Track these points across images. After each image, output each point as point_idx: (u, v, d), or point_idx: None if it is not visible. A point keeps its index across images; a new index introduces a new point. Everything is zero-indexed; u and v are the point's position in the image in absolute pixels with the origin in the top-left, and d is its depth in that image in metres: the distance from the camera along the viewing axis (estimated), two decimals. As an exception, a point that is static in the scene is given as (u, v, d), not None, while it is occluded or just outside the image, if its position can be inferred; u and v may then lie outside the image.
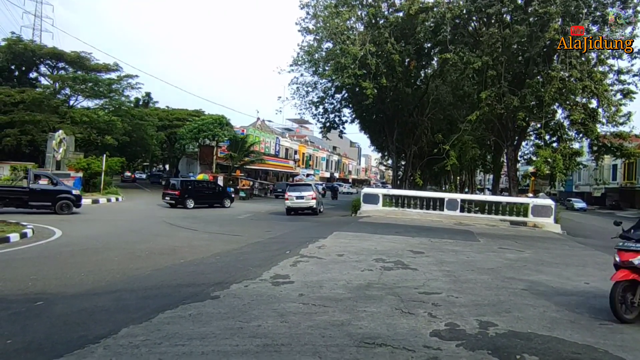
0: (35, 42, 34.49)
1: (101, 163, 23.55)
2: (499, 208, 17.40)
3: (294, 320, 4.21)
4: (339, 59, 19.02)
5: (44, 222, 11.58)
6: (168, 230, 11.90)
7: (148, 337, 3.63)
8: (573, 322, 4.54)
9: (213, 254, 8.16)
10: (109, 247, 8.62)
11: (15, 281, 5.60)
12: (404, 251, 8.82)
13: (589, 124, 18.50)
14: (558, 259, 9.13)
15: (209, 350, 3.37)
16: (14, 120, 26.04)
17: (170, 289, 5.39)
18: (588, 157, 28.66)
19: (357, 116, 29.71)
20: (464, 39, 18.76)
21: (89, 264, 6.82)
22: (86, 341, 3.50)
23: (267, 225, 14.32)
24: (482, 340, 3.84)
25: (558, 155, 17.53)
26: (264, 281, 5.83)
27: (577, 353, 3.64)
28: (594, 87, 16.41)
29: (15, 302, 4.67)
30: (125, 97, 33.97)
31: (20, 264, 6.67)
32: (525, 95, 17.32)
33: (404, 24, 20.14)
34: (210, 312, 4.39)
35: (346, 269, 6.78)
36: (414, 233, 12.03)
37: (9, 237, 8.75)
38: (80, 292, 5.20)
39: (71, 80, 29.94)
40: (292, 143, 57.38)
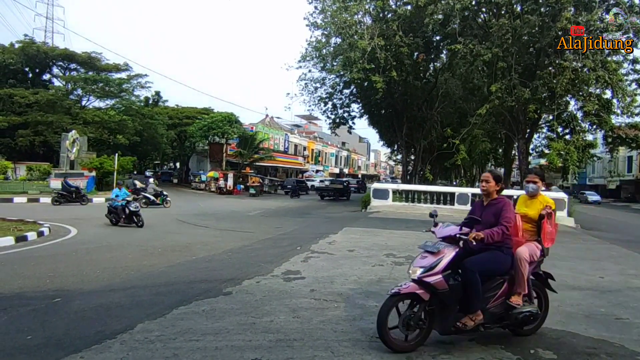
0: (47, 44, 35.00)
1: (113, 162, 23.89)
2: (511, 202, 17.19)
3: (306, 315, 4.24)
4: (347, 54, 18.92)
5: (60, 221, 11.81)
6: (180, 228, 12.03)
7: (163, 332, 3.70)
8: (588, 317, 4.49)
9: (225, 250, 8.24)
10: (122, 244, 8.76)
11: (33, 278, 5.74)
12: (414, 246, 8.76)
13: (603, 115, 18.15)
14: (572, 252, 9.00)
15: (223, 346, 3.41)
16: (28, 121, 26.56)
17: (184, 285, 5.46)
18: (602, 149, 28.16)
19: (366, 111, 29.59)
20: (473, 31, 18.49)
21: (104, 261, 6.94)
22: (103, 336, 3.58)
23: (277, 221, 14.39)
24: (494, 334, 3.82)
25: (571, 148, 17.23)
26: (276, 277, 5.88)
27: (592, 347, 3.60)
28: (608, 77, 16.05)
29: (35, 298, 4.79)
30: (135, 97, 34.38)
31: (38, 262, 6.83)
32: (536, 86, 17.02)
33: (412, 17, 19.93)
34: (223, 307, 4.45)
35: (357, 265, 6.79)
36: (425, 228, 11.95)
37: (27, 235, 8.95)
38: (96, 288, 5.31)
39: (83, 81, 30.39)
40: (301, 139, 57.42)
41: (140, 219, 11.51)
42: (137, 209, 11.65)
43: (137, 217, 11.52)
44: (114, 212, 11.73)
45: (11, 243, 8.33)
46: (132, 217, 11.52)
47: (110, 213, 11.83)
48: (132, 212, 11.51)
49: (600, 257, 8.58)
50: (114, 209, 11.76)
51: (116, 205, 11.72)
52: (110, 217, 11.79)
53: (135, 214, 11.52)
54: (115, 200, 11.90)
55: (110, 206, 11.99)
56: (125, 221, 11.57)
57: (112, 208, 11.84)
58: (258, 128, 43.23)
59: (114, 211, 11.73)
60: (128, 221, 11.54)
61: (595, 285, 6.02)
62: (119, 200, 11.74)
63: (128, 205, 11.57)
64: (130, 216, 11.52)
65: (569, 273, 6.71)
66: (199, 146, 40.51)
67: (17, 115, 26.66)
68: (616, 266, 7.56)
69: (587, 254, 9.00)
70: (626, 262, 8.21)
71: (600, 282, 6.21)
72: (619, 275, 6.77)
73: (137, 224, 11.43)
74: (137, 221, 11.47)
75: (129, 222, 11.54)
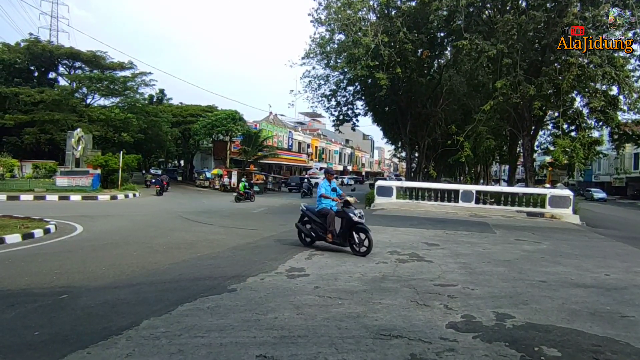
0: (52, 42, 35.22)
1: (118, 160, 24.03)
2: (515, 199, 17.12)
3: (310, 312, 4.25)
4: (351, 50, 18.87)
5: (66, 219, 11.91)
6: (184, 225, 12.10)
7: (168, 328, 3.72)
8: (593, 314, 4.46)
9: (229, 247, 8.27)
10: (128, 241, 8.82)
11: (40, 275, 5.80)
12: (418, 243, 8.79)
13: (609, 112, 17.98)
14: (577, 250, 8.94)
15: (227, 342, 3.43)
16: (34, 119, 26.78)
17: (189, 282, 5.50)
18: (608, 146, 27.92)
19: (370, 108, 29.50)
20: (478, 27, 18.36)
21: (110, 258, 7.00)
22: (109, 332, 3.62)
23: (281, 219, 14.42)
24: (499, 332, 3.82)
25: (577, 144, 17.10)
26: (280, 274, 5.90)
27: (597, 345, 3.58)
28: (615, 74, 15.90)
29: (42, 295, 4.84)
30: (139, 95, 34.55)
31: (45, 259, 6.90)
32: (542, 83, 16.89)
33: (416, 13, 19.82)
34: (227, 304, 4.47)
35: (361, 262, 6.80)
36: (429, 225, 11.95)
37: (34, 232, 9.04)
38: (102, 285, 5.36)
39: (88, 80, 30.57)
40: (304, 137, 57.41)
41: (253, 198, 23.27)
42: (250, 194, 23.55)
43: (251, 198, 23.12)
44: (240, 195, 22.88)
45: (18, 240, 8.42)
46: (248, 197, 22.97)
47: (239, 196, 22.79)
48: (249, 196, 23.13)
49: (605, 255, 8.52)
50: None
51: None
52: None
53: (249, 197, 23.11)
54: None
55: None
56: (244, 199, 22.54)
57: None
58: (262, 125, 43.28)
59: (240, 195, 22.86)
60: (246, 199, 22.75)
61: (600, 282, 5.98)
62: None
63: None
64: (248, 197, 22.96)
65: (574, 270, 6.67)
66: (203, 144, 40.65)
67: (23, 114, 26.90)
68: (622, 264, 7.51)
69: (592, 251, 8.94)
70: (632, 259, 8.14)
71: (605, 280, 6.17)
72: (625, 272, 6.73)
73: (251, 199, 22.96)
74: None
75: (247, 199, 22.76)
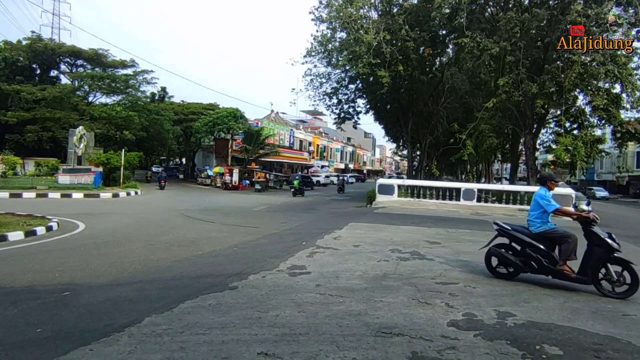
0: (54, 40, 35.20)
1: (120, 158, 24.06)
2: (517, 197, 17.08)
3: (311, 310, 4.26)
4: (353, 48, 18.83)
5: (68, 216, 11.94)
6: (186, 223, 12.12)
7: (170, 326, 3.74)
8: (595, 313, 4.46)
9: (230, 245, 8.28)
10: (130, 239, 8.85)
11: (43, 272, 5.82)
12: (420, 241, 8.78)
13: (611, 110, 17.93)
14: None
15: (229, 339, 3.44)
16: (36, 117, 26.80)
17: (190, 280, 5.51)
18: (611, 144, 27.80)
19: (372, 106, 29.47)
20: (480, 25, 18.31)
21: (112, 256, 7.02)
22: (111, 330, 3.63)
23: (282, 216, 14.43)
24: (500, 330, 3.82)
25: (579, 143, 17.06)
26: (281, 272, 5.90)
27: (599, 344, 3.58)
28: (618, 72, 15.83)
29: (44, 292, 4.86)
30: (141, 93, 34.51)
31: (47, 256, 6.92)
32: (544, 81, 16.83)
33: (418, 11, 19.77)
34: (229, 302, 4.48)
35: (362, 260, 6.80)
36: (430, 223, 11.94)
37: (36, 230, 9.08)
38: (104, 282, 5.37)
39: (89, 78, 30.56)
40: (306, 135, 57.36)
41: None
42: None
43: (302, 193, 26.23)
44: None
45: (20, 237, 8.46)
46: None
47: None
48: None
49: (607, 253, 8.49)
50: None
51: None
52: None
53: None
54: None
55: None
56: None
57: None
58: (263, 123, 43.26)
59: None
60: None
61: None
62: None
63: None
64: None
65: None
66: (205, 142, 40.64)
67: (25, 112, 26.92)
68: (624, 262, 7.47)
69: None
70: (633, 258, 8.09)
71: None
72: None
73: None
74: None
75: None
